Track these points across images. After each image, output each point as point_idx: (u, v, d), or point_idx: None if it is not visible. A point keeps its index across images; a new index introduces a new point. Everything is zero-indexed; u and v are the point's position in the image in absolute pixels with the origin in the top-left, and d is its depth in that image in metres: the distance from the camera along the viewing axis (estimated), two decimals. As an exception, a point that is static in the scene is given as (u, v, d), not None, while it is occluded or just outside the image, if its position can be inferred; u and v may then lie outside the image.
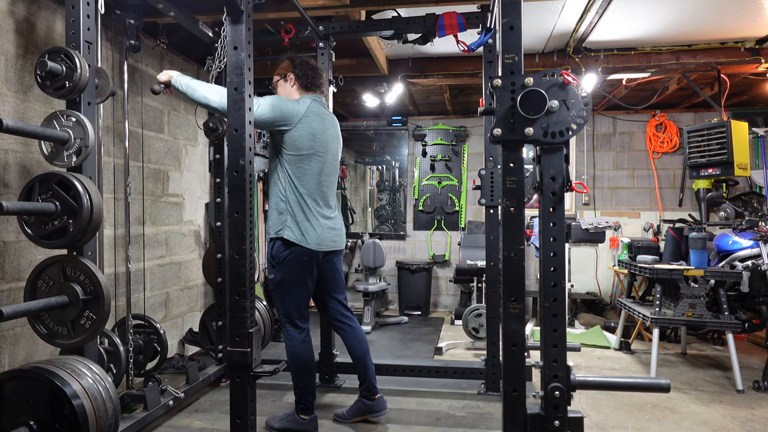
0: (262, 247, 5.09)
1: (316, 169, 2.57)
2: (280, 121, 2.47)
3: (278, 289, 2.59)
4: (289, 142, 2.51)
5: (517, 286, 1.51)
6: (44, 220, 1.88)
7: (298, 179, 2.52)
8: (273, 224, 2.56)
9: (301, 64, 2.67)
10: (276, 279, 2.57)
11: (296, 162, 2.52)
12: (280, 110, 2.47)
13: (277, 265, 2.55)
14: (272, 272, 2.58)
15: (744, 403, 3.06)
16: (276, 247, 2.55)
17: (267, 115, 2.42)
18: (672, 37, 3.88)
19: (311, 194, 2.55)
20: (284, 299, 2.60)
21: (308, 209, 2.54)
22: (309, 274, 2.59)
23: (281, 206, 2.54)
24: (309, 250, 2.53)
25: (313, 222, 2.54)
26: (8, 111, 2.40)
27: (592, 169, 5.86)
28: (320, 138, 2.58)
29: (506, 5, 1.50)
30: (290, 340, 2.61)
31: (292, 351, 2.60)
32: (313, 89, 2.68)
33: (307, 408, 2.60)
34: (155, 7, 2.60)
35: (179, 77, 2.42)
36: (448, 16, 3.01)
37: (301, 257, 2.53)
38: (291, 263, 2.53)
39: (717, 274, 3.44)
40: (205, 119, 3.27)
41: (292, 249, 2.52)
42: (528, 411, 1.49)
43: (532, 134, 1.46)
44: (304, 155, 2.52)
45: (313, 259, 2.57)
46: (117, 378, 2.48)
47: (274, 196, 2.57)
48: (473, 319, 4.01)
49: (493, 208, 3.04)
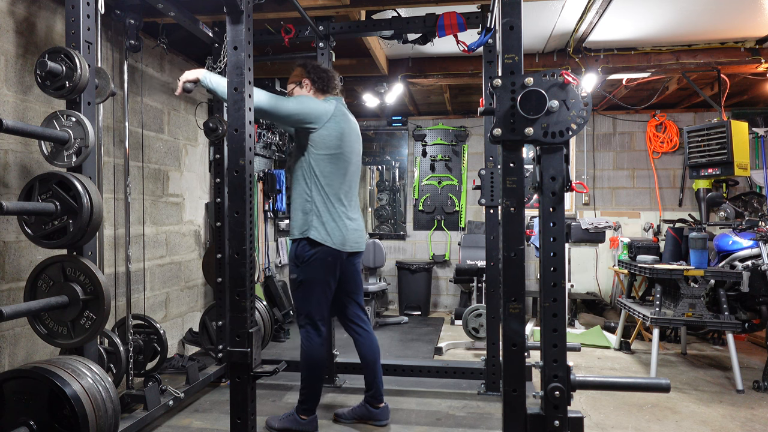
0: (262, 247, 5.09)
1: (342, 170, 2.56)
2: (308, 119, 2.46)
3: (300, 289, 2.56)
4: (317, 141, 2.49)
5: (517, 286, 1.51)
6: (44, 220, 1.88)
7: (325, 179, 2.51)
8: (298, 224, 2.54)
9: (314, 68, 2.67)
10: (299, 279, 2.54)
11: (323, 162, 2.50)
12: (310, 108, 2.47)
13: (301, 264, 2.53)
14: (295, 272, 2.56)
15: (744, 403, 3.06)
16: (301, 247, 2.52)
17: (296, 111, 2.42)
18: (672, 37, 3.88)
19: (337, 194, 2.54)
20: (306, 299, 2.57)
21: (334, 209, 2.52)
22: (332, 274, 2.57)
23: (307, 206, 2.52)
24: (334, 251, 2.52)
25: (339, 222, 2.53)
26: (8, 111, 2.40)
27: (592, 169, 5.86)
28: (347, 138, 2.58)
29: (506, 5, 1.50)
30: (309, 341, 2.57)
31: (308, 352, 2.57)
32: (330, 91, 2.68)
33: (309, 410, 2.59)
34: (155, 7, 2.60)
35: (208, 75, 2.39)
36: (448, 16, 3.01)
37: (326, 257, 2.51)
38: (316, 263, 2.51)
39: (717, 274, 3.44)
40: (205, 119, 3.27)
41: (317, 249, 2.50)
42: (528, 411, 1.49)
43: (532, 134, 1.46)
44: (332, 155, 2.51)
45: (337, 260, 2.55)
46: (117, 378, 2.48)
47: (299, 196, 2.55)
48: (473, 319, 4.01)
49: (493, 208, 3.04)
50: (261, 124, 5.12)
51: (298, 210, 2.55)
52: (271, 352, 4.07)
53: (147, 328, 2.86)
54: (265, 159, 5.25)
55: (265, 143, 5.18)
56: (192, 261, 3.99)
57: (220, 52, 3.14)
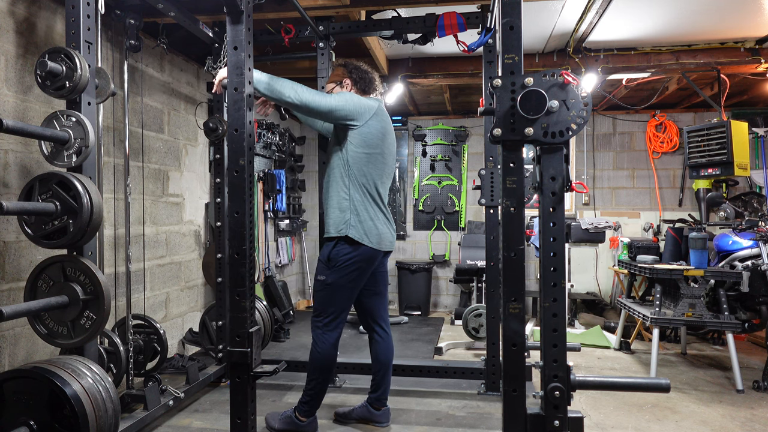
0: (262, 247, 5.09)
1: (380, 169, 2.53)
2: (351, 115, 2.43)
3: (326, 290, 2.50)
4: (359, 139, 2.46)
5: (517, 286, 1.51)
6: (44, 220, 1.88)
7: (364, 177, 2.47)
8: (334, 222, 2.48)
9: (355, 68, 2.65)
10: (327, 281, 2.48)
11: (363, 160, 2.47)
12: (354, 103, 2.44)
13: (335, 267, 2.46)
14: (324, 273, 2.50)
15: (744, 403, 3.06)
16: (338, 248, 2.46)
17: (341, 107, 2.39)
18: (672, 37, 3.88)
19: (374, 193, 2.51)
20: (330, 302, 2.51)
21: (372, 208, 2.49)
22: (364, 276, 2.53)
23: (344, 204, 2.48)
24: (373, 250, 2.48)
25: (376, 221, 2.50)
26: (8, 111, 2.40)
27: (592, 169, 5.86)
28: (387, 138, 2.56)
29: (506, 5, 1.50)
30: (323, 343, 2.52)
31: (321, 353, 2.52)
32: (371, 92, 2.66)
33: (310, 411, 2.56)
34: (155, 7, 2.60)
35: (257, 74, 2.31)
36: (448, 16, 3.01)
37: (364, 257, 2.47)
38: (351, 266, 2.46)
39: (717, 274, 3.44)
40: (205, 119, 3.27)
41: (355, 249, 2.45)
42: (528, 411, 1.49)
43: (532, 134, 1.46)
44: (372, 153, 2.48)
45: (373, 261, 2.52)
46: (117, 378, 2.48)
47: (336, 194, 2.50)
48: (473, 319, 4.01)
49: (493, 208, 3.04)
50: (261, 124, 5.12)
51: (335, 208, 2.50)
52: (271, 352, 4.07)
53: (147, 328, 2.86)
54: (265, 159, 5.25)
55: (265, 143, 5.19)
56: (192, 261, 3.99)
57: (220, 52, 3.14)
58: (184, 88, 3.88)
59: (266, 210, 5.17)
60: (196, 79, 4.06)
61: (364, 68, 2.68)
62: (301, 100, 2.33)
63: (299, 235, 6.27)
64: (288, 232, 5.81)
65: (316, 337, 2.55)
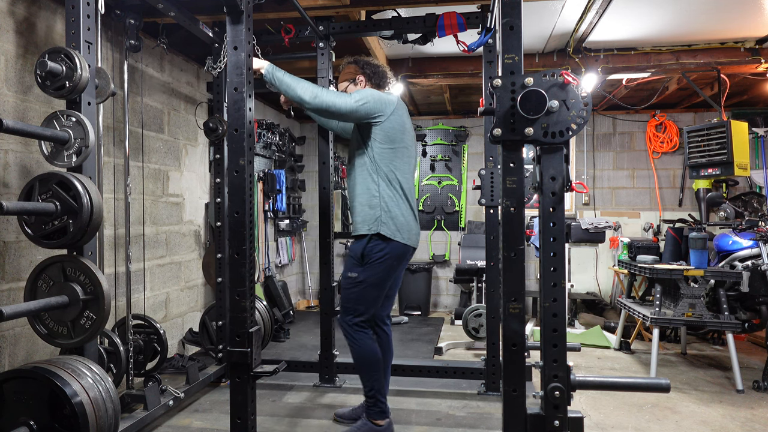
0: (262, 247, 5.09)
1: (406, 164, 2.51)
2: (375, 111, 2.42)
3: (357, 287, 2.47)
4: (383, 135, 2.44)
5: (517, 286, 1.51)
6: (44, 220, 1.88)
7: (392, 173, 2.45)
8: (364, 220, 2.46)
9: (367, 64, 2.64)
10: (359, 278, 2.46)
11: (390, 155, 2.45)
12: (375, 99, 2.42)
13: (368, 263, 2.45)
14: (355, 270, 2.48)
15: (744, 403, 3.06)
16: (372, 245, 2.44)
17: (362, 103, 2.37)
18: (672, 37, 3.88)
19: (403, 189, 2.49)
20: (362, 299, 2.48)
21: (403, 203, 2.47)
22: (394, 274, 2.51)
23: (374, 201, 2.45)
24: (404, 246, 2.47)
25: (407, 217, 2.48)
26: (8, 111, 2.40)
27: (592, 169, 5.86)
28: (409, 132, 2.55)
29: (506, 5, 1.50)
30: (361, 339, 2.49)
31: (364, 349, 2.48)
32: (385, 86, 2.65)
33: (383, 411, 2.49)
34: (155, 7, 2.60)
35: (272, 69, 2.34)
36: (448, 16, 3.01)
37: (397, 253, 2.45)
38: (385, 263, 2.44)
39: (717, 274, 3.44)
40: (205, 119, 3.27)
41: (388, 246, 2.43)
42: (528, 411, 1.49)
43: (532, 134, 1.46)
44: (397, 148, 2.46)
45: (405, 256, 2.50)
46: (117, 378, 2.48)
47: (365, 192, 2.47)
48: (473, 319, 4.01)
49: (493, 208, 3.04)
50: (261, 124, 5.12)
51: (364, 205, 2.47)
52: (271, 352, 4.07)
53: (147, 328, 2.87)
54: (265, 159, 5.25)
55: (265, 143, 5.18)
56: (192, 261, 3.98)
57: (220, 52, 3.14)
58: (184, 88, 3.88)
59: (266, 210, 5.17)
60: (196, 79, 4.06)
61: (375, 63, 2.68)
62: (322, 103, 2.32)
63: (299, 235, 6.27)
64: (288, 232, 5.82)
65: (350, 337, 2.50)
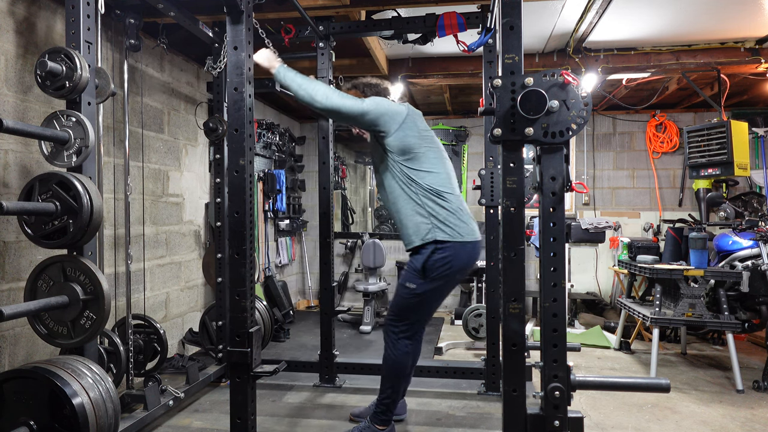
0: (261, 247, 5.09)
1: (433, 163, 2.42)
2: (380, 124, 2.36)
3: (413, 299, 2.39)
4: (397, 148, 2.37)
5: (517, 286, 1.51)
6: (44, 220, 1.88)
7: (424, 179, 2.37)
8: (417, 231, 2.36)
9: (367, 86, 2.62)
10: (417, 290, 2.37)
11: (414, 163, 2.38)
12: (385, 107, 2.38)
13: (429, 276, 2.35)
14: (414, 282, 2.37)
15: (744, 403, 3.06)
16: (435, 257, 2.33)
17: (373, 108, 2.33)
18: (672, 37, 3.88)
19: (442, 187, 2.39)
20: (414, 310, 2.42)
21: (447, 202, 2.37)
22: (456, 283, 2.45)
23: (420, 210, 2.37)
24: (466, 244, 2.36)
25: (458, 213, 2.39)
26: (8, 111, 2.40)
27: (592, 169, 5.86)
28: (425, 134, 2.47)
29: (506, 5, 1.50)
30: (398, 349, 2.44)
31: (398, 361, 2.44)
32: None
33: (388, 420, 2.49)
34: (155, 7, 2.60)
35: (283, 70, 2.32)
36: (448, 16, 3.01)
37: (460, 258, 2.35)
38: (450, 273, 2.36)
39: (717, 274, 3.44)
40: (205, 119, 3.27)
41: (451, 251, 2.34)
42: (528, 411, 1.49)
43: (532, 134, 1.46)
44: (417, 154, 2.39)
45: (473, 254, 2.40)
46: (117, 378, 2.48)
47: (405, 206, 2.39)
48: (473, 319, 4.01)
49: (493, 208, 3.04)
50: (261, 124, 5.12)
51: (409, 218, 2.39)
52: (271, 352, 4.07)
53: (147, 328, 2.87)
54: (265, 159, 5.25)
55: (265, 143, 5.18)
56: (192, 261, 3.98)
57: (220, 52, 3.14)
58: (184, 88, 3.88)
59: (266, 210, 5.17)
60: (196, 79, 4.06)
61: (374, 82, 2.66)
62: (333, 105, 2.29)
63: (299, 235, 6.27)
64: (288, 232, 5.81)
65: (390, 342, 2.47)
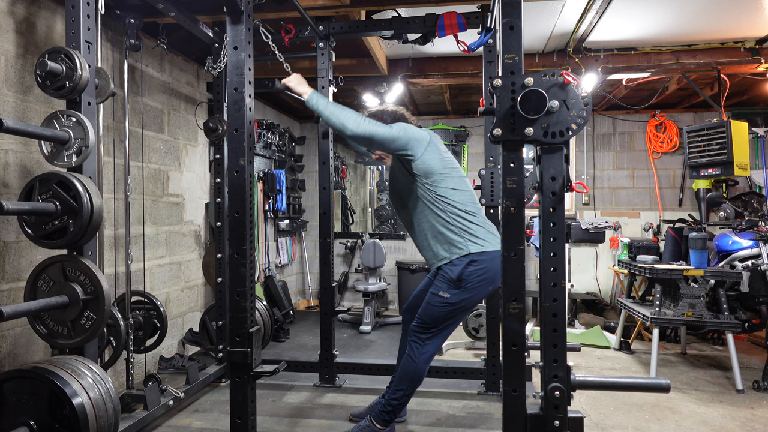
0: (261, 247, 5.09)
1: (459, 183, 2.49)
2: (413, 142, 2.43)
3: (446, 308, 2.41)
4: (423, 170, 2.44)
5: (517, 286, 1.51)
6: (44, 220, 1.88)
7: (452, 198, 2.43)
8: (448, 248, 2.41)
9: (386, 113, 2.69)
10: (451, 299, 2.40)
11: (441, 183, 2.44)
12: (412, 133, 2.46)
13: (467, 286, 2.38)
14: (448, 292, 2.40)
15: (744, 403, 3.06)
16: (471, 268, 2.37)
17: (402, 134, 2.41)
18: (672, 37, 3.88)
19: (469, 205, 2.46)
20: (445, 319, 2.44)
21: (474, 217, 2.44)
22: (488, 293, 2.47)
23: (450, 228, 2.41)
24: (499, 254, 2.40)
25: (485, 226, 2.45)
26: (8, 111, 2.40)
27: (592, 169, 5.86)
28: (445, 155, 2.55)
29: (506, 5, 1.50)
30: (421, 355, 2.46)
31: (420, 367, 2.47)
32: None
33: (390, 421, 2.52)
34: (155, 7, 2.60)
35: (315, 97, 2.37)
36: (448, 16, 3.01)
37: (494, 267, 2.38)
38: (484, 285, 2.39)
39: (717, 274, 3.44)
40: (205, 119, 3.27)
41: (487, 260, 2.38)
42: (528, 411, 1.49)
43: (532, 134, 1.46)
44: (444, 175, 2.45)
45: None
46: (117, 353, 2.48)
47: (436, 227, 2.43)
48: (473, 319, 4.01)
49: (493, 208, 3.04)
50: (261, 124, 5.12)
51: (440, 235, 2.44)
52: (271, 352, 4.07)
53: (147, 304, 2.86)
54: (265, 159, 5.25)
55: (265, 143, 5.18)
56: (192, 261, 3.98)
57: (220, 52, 3.14)
58: (184, 88, 3.88)
59: (266, 210, 5.17)
60: (196, 79, 4.06)
61: (392, 110, 2.72)
62: (365, 132, 2.33)
63: (299, 235, 6.27)
64: (288, 232, 5.81)
65: (414, 347, 2.49)
